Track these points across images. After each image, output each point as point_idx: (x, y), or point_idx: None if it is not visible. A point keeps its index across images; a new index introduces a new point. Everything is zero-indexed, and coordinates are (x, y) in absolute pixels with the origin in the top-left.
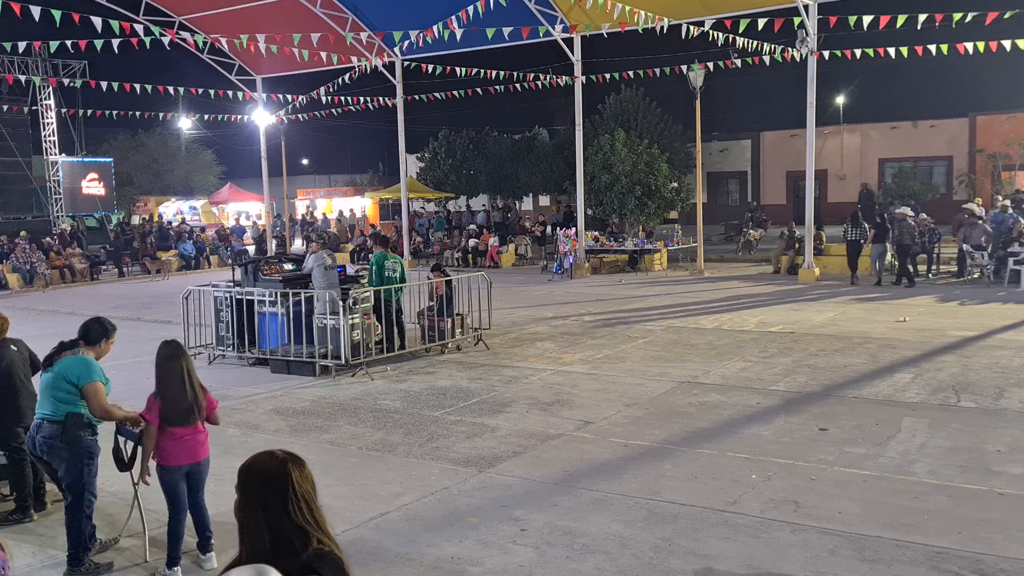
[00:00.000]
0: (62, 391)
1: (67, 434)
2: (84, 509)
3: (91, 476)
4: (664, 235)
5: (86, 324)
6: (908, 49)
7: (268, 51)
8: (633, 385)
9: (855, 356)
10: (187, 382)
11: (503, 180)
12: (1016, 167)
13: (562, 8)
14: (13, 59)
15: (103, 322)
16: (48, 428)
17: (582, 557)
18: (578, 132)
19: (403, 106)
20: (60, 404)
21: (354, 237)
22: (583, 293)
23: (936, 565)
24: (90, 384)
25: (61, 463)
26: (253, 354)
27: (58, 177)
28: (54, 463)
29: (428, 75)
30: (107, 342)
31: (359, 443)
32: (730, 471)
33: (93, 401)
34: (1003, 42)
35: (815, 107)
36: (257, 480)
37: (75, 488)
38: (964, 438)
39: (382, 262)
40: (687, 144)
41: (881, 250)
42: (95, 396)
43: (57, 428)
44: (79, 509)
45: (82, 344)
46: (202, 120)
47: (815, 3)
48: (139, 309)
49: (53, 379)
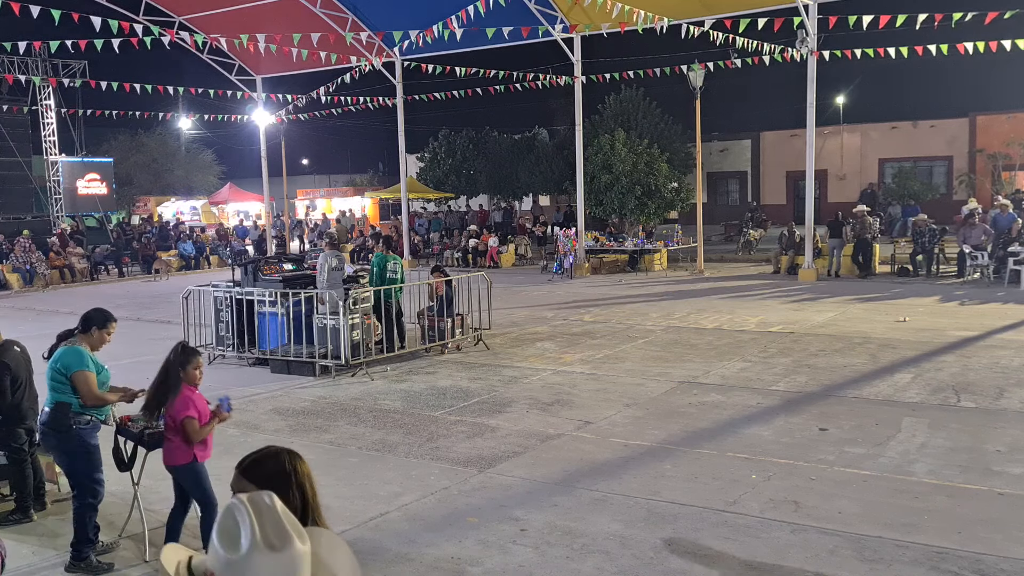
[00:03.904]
0: (55, 380)
1: (54, 422)
2: (87, 499)
3: (91, 467)
4: (664, 235)
5: (86, 313)
6: (908, 49)
7: (268, 51)
8: (633, 385)
9: (855, 356)
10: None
11: (503, 180)
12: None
13: (562, 8)
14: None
15: (103, 311)
16: (44, 415)
17: (582, 557)
18: (578, 132)
19: (403, 106)
20: (54, 393)
21: (354, 237)
22: (583, 293)
23: (936, 565)
24: (79, 372)
25: (51, 450)
26: (253, 354)
27: (58, 177)
28: (47, 450)
29: (428, 75)
30: (103, 331)
31: (359, 443)
32: (730, 471)
33: (83, 389)
34: (1003, 42)
35: (815, 107)
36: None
37: (75, 477)
38: (964, 438)
39: (383, 263)
40: (687, 144)
41: (836, 243)
42: (84, 384)
43: (47, 415)
44: (82, 499)
45: (78, 332)
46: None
47: (815, 3)
48: (139, 309)
49: (49, 369)
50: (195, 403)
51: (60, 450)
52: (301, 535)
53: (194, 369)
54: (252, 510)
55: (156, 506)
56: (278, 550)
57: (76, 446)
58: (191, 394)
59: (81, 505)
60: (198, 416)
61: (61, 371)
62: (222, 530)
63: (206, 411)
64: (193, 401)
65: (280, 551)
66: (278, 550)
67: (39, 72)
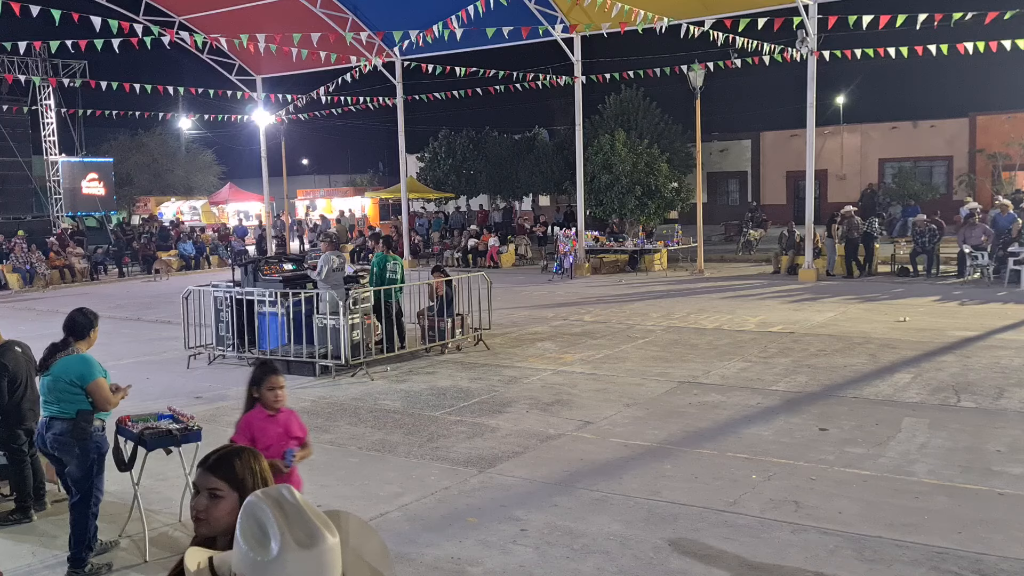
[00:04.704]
0: (68, 392)
1: (78, 430)
2: (92, 506)
3: (99, 473)
4: (664, 235)
5: (71, 319)
6: (908, 49)
7: (268, 51)
8: (633, 385)
9: (855, 356)
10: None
11: (503, 180)
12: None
13: (562, 8)
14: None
15: (86, 313)
16: (59, 425)
17: (582, 557)
18: (578, 132)
19: (403, 106)
20: (67, 404)
21: (354, 237)
22: (583, 293)
23: (936, 565)
24: (93, 382)
25: (72, 459)
26: (253, 354)
27: (58, 177)
28: (65, 458)
29: (428, 75)
30: (94, 331)
31: (359, 443)
32: (730, 471)
33: (103, 395)
34: (1003, 42)
35: (815, 107)
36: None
37: (83, 484)
38: (964, 438)
39: (383, 263)
40: (687, 144)
41: (830, 243)
42: (101, 391)
43: (68, 425)
44: (87, 506)
45: (73, 341)
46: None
47: (815, 3)
48: (139, 309)
49: (54, 382)
50: (253, 431)
51: (80, 459)
52: (328, 526)
53: (269, 390)
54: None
55: (156, 506)
56: (309, 547)
57: (94, 453)
58: (254, 420)
59: (85, 514)
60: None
61: (76, 382)
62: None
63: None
64: (252, 428)
65: (312, 547)
66: (309, 547)
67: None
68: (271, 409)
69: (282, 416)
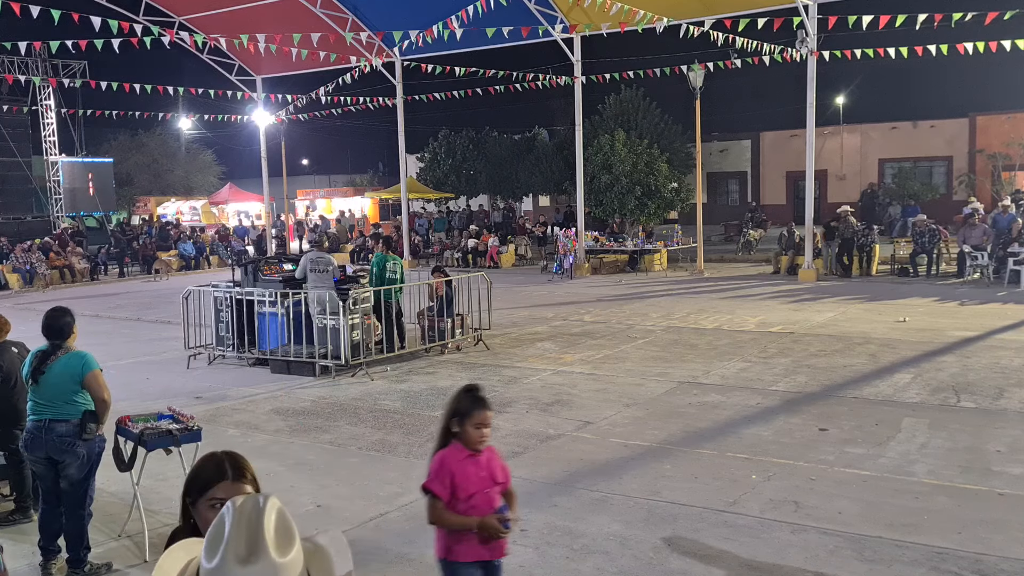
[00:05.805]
0: (72, 392)
1: (86, 431)
2: (87, 508)
3: (93, 475)
4: (664, 235)
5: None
6: (908, 49)
7: (268, 51)
8: (633, 385)
9: (855, 356)
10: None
11: (503, 180)
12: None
13: (562, 8)
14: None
15: (64, 311)
16: (62, 427)
17: (582, 557)
18: (578, 132)
19: (403, 106)
20: (72, 405)
21: (354, 237)
22: (583, 293)
23: (936, 565)
24: (92, 373)
25: (75, 460)
26: (253, 354)
27: (58, 177)
28: (68, 460)
29: (428, 75)
30: (76, 326)
31: (359, 443)
32: (730, 471)
33: (95, 387)
34: (1003, 42)
35: (815, 107)
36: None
37: (82, 486)
38: (964, 438)
39: (383, 263)
40: (687, 144)
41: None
42: (96, 381)
43: (74, 427)
44: (82, 507)
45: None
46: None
47: (815, 3)
48: (139, 309)
49: (57, 384)
50: (455, 476)
51: (84, 460)
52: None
53: (475, 427)
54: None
55: (156, 506)
56: (245, 563)
57: (96, 455)
58: (452, 461)
59: (78, 515)
60: (447, 495)
61: (77, 378)
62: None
63: (475, 491)
64: (451, 472)
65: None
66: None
67: (39, 72)
68: (473, 449)
69: (484, 457)
